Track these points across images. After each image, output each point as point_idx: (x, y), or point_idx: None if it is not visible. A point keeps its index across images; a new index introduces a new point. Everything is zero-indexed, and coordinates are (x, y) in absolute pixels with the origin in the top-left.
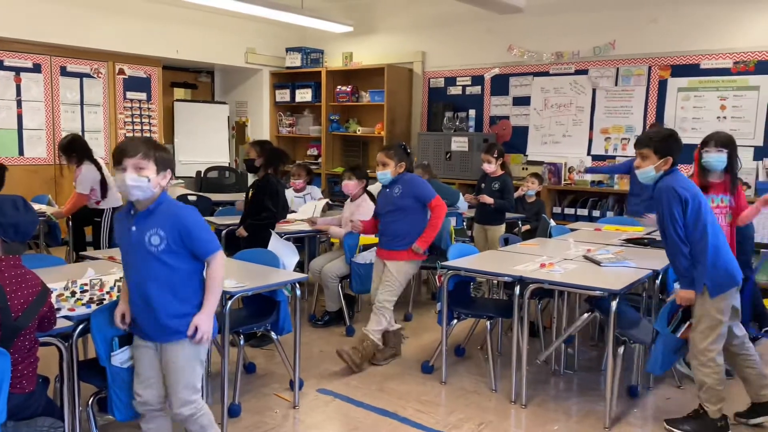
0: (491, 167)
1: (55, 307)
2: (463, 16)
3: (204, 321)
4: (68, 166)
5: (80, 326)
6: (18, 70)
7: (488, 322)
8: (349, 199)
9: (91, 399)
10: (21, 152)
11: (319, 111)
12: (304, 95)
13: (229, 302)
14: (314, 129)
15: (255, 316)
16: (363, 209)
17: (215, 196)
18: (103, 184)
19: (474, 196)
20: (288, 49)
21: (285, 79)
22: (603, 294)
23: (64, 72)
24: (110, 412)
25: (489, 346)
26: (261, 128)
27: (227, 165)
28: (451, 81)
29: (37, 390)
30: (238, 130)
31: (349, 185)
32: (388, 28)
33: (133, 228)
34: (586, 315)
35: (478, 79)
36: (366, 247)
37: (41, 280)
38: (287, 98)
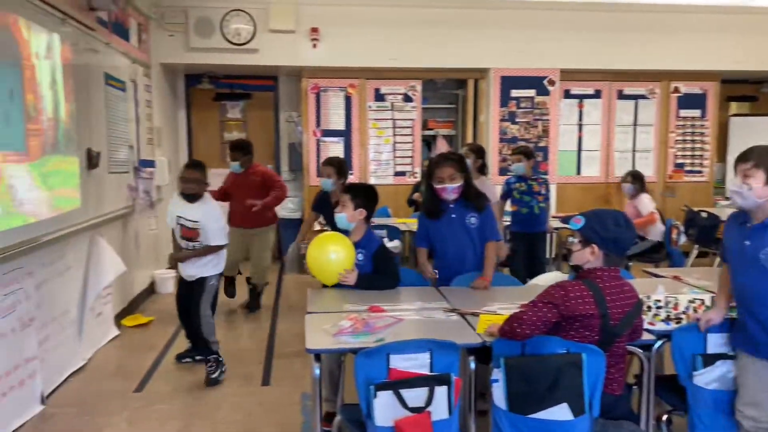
0: None
1: None
2: None
3: None
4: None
5: (660, 341)
6: (581, 98)
7: None
8: None
9: (666, 416)
10: (578, 171)
11: None
12: None
13: None
14: None
15: None
16: None
17: None
18: None
19: None
20: None
21: None
22: None
23: (620, 95)
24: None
25: None
26: None
27: None
28: None
29: (623, 395)
30: None
31: None
32: None
33: (747, 242)
34: None
35: None
36: None
37: (637, 292)
38: None
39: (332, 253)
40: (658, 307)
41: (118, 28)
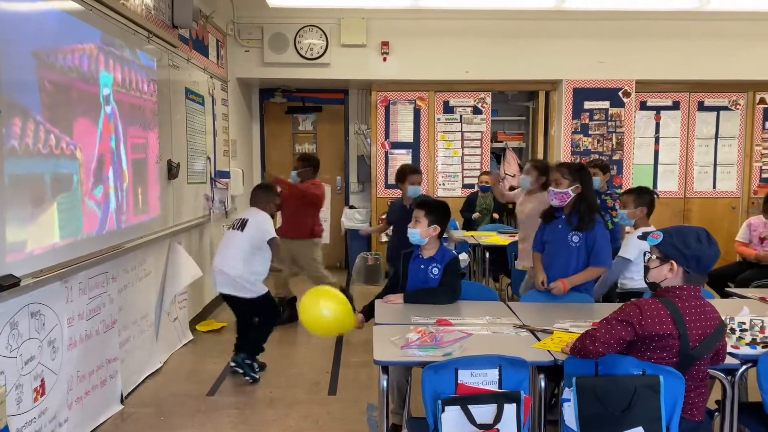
0: None
1: None
2: None
3: None
4: None
5: (744, 366)
6: (658, 109)
7: None
8: None
9: None
10: (654, 186)
11: None
12: None
13: None
14: None
15: None
16: None
17: None
18: None
19: None
20: None
21: None
22: None
23: (701, 107)
24: None
25: None
26: None
27: None
28: None
29: (704, 421)
30: None
31: None
32: None
33: None
34: None
35: None
36: None
37: (719, 314)
38: None
39: (324, 310)
40: (743, 330)
41: (199, 44)
